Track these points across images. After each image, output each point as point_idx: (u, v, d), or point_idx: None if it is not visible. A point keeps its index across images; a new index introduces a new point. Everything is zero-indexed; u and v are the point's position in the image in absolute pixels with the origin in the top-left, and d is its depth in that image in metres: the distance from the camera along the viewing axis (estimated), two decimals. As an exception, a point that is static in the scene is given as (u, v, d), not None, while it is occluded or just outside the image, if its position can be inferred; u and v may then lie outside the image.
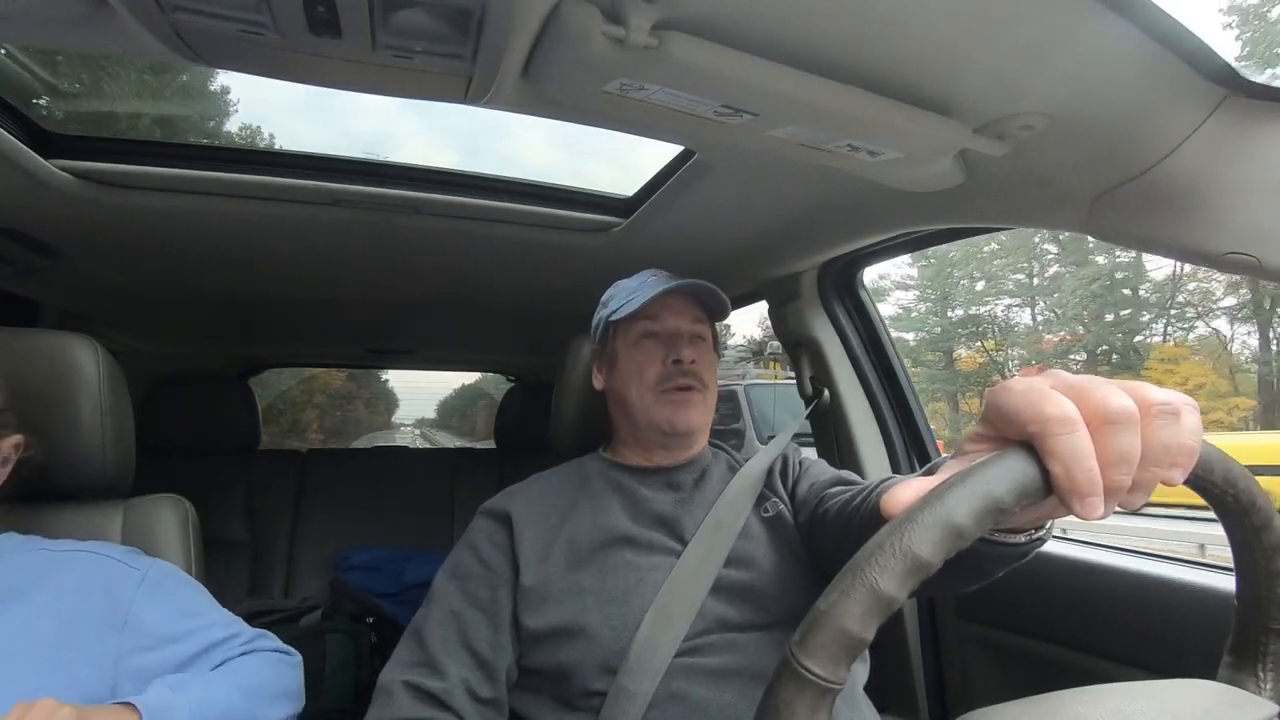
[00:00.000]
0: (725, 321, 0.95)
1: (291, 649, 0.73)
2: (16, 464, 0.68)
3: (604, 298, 0.93)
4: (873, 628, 0.26)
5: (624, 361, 0.86)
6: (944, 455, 0.78)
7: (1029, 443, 0.29)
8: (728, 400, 5.95)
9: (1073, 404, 0.29)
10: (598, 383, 0.91)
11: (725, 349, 0.93)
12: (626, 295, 0.87)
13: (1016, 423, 0.30)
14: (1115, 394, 0.29)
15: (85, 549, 0.68)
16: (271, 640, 0.71)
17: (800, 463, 0.88)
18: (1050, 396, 0.29)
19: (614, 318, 0.86)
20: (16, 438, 0.68)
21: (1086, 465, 0.28)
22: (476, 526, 0.82)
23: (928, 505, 0.27)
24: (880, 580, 0.26)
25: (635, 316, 0.85)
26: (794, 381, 1.34)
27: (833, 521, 0.70)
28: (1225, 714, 0.33)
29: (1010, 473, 0.28)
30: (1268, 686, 0.36)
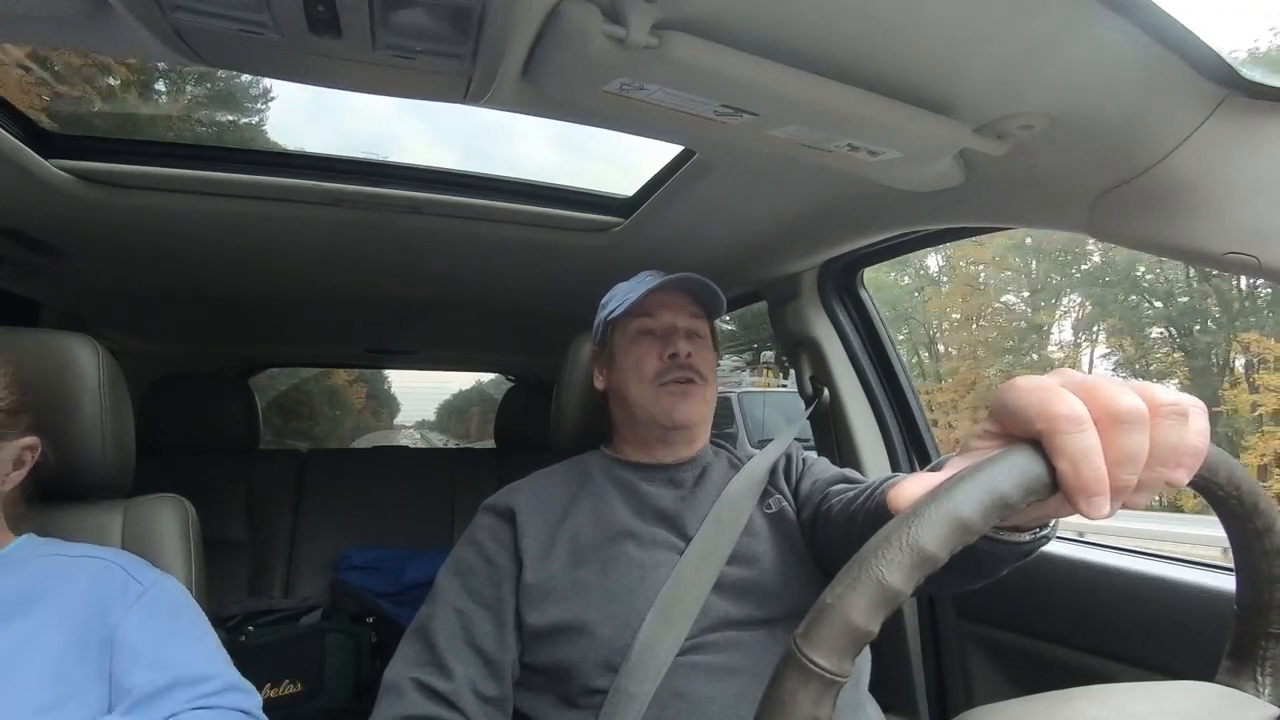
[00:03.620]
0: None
1: (259, 712, 0.65)
2: (34, 466, 0.68)
3: (603, 300, 0.93)
4: (878, 621, 0.26)
5: (622, 359, 0.86)
6: (946, 455, 0.78)
7: (1036, 440, 0.29)
8: (722, 406, 6.02)
9: (1081, 403, 0.29)
10: (598, 383, 0.92)
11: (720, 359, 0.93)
12: (623, 295, 0.88)
13: (1024, 420, 0.30)
14: (1124, 393, 0.29)
15: (97, 555, 0.67)
16: (243, 697, 0.64)
17: (804, 460, 0.88)
18: (1059, 395, 0.29)
19: (611, 317, 0.87)
20: (30, 439, 0.67)
21: (1094, 464, 0.28)
22: (479, 523, 0.82)
23: (935, 500, 0.27)
24: (886, 573, 0.26)
25: (631, 314, 0.85)
26: (785, 390, 1.34)
27: (836, 518, 0.70)
28: (1226, 715, 0.33)
29: (1017, 470, 0.28)
30: (1266, 690, 0.36)
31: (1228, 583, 0.75)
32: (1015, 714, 0.31)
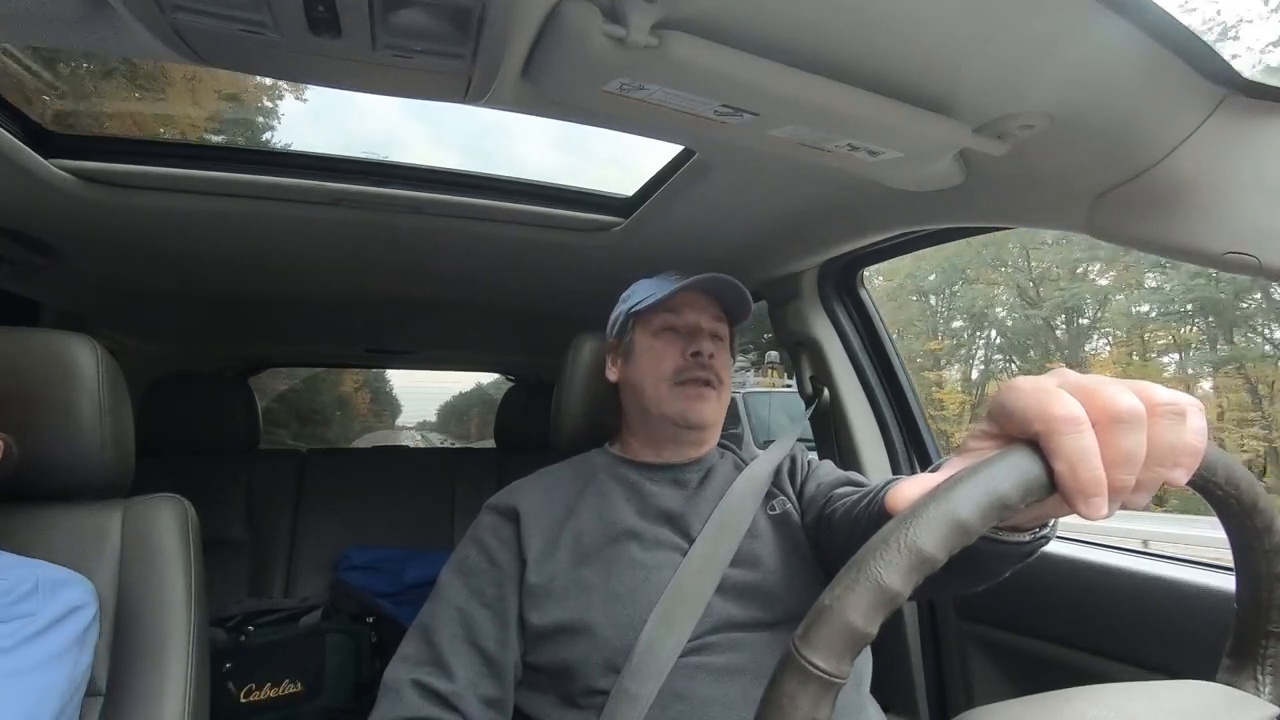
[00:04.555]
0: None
1: None
2: None
3: (625, 294, 0.94)
4: (877, 622, 0.26)
5: (642, 353, 0.86)
6: (946, 456, 0.77)
7: (1034, 441, 0.29)
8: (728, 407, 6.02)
9: (1079, 403, 0.29)
10: (612, 375, 0.91)
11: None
12: (648, 290, 0.88)
13: (1022, 421, 0.30)
14: (1122, 393, 0.29)
15: (26, 566, 0.66)
16: None
17: (808, 463, 0.89)
18: (1057, 396, 0.29)
19: (636, 309, 0.87)
20: None
21: (1091, 465, 0.28)
22: (483, 522, 0.81)
23: (933, 501, 0.27)
24: (885, 575, 0.26)
25: (657, 309, 0.86)
26: (790, 389, 1.34)
27: (839, 521, 0.70)
28: (1226, 714, 0.33)
29: (1015, 471, 0.28)
30: (1266, 689, 0.36)
31: (1228, 583, 0.75)
32: (1015, 714, 0.31)
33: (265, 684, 1.45)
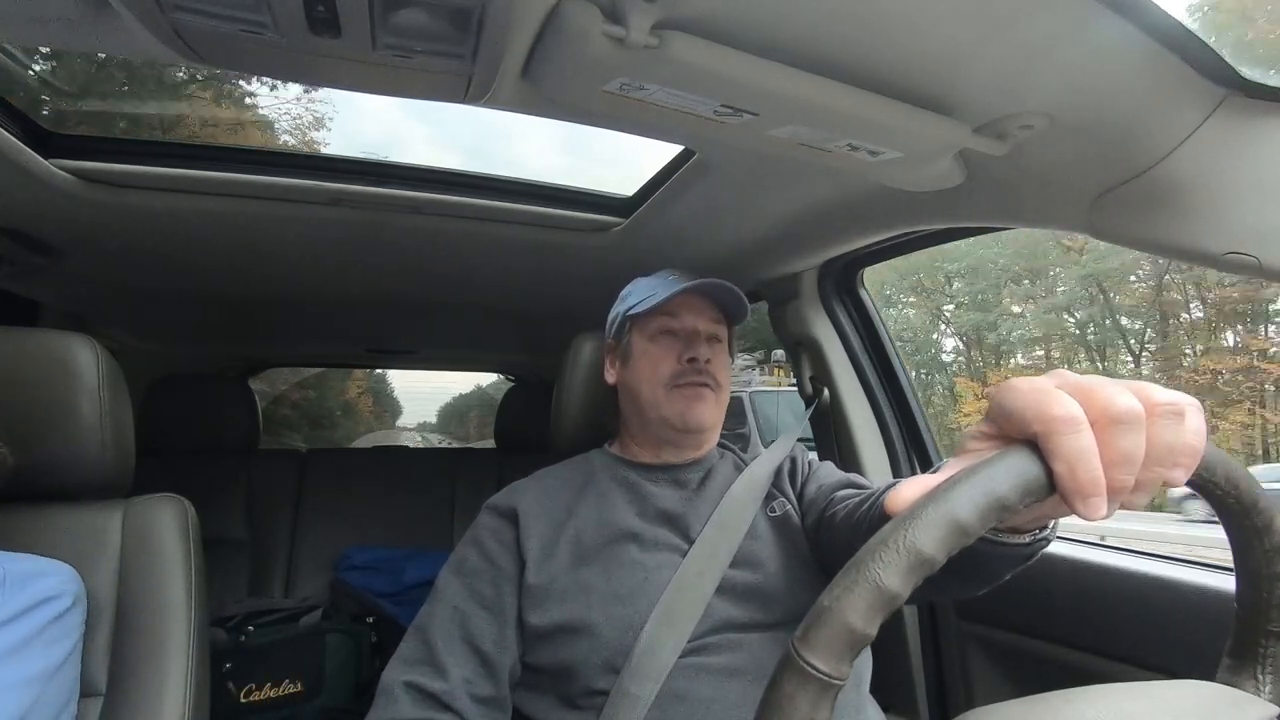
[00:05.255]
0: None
1: None
2: None
3: (623, 293, 0.93)
4: (876, 623, 0.26)
5: (639, 357, 0.86)
6: (946, 459, 0.77)
7: (1033, 441, 0.29)
8: (733, 405, 6.02)
9: (1078, 404, 0.29)
10: (610, 376, 0.91)
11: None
12: (646, 291, 0.87)
13: (1020, 422, 0.30)
14: (1121, 394, 0.29)
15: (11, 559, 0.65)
16: None
17: (809, 464, 0.88)
18: (1055, 396, 0.29)
19: (632, 312, 0.86)
20: None
21: (1090, 465, 0.28)
22: (482, 523, 0.81)
23: (932, 502, 0.27)
24: (884, 576, 0.26)
25: (654, 313, 0.85)
26: (796, 388, 1.34)
27: (840, 524, 0.70)
28: (1226, 714, 0.33)
29: (1014, 471, 0.28)
30: (1266, 689, 0.36)
31: (1228, 583, 0.75)
32: (1015, 714, 0.31)
33: (265, 684, 1.45)
